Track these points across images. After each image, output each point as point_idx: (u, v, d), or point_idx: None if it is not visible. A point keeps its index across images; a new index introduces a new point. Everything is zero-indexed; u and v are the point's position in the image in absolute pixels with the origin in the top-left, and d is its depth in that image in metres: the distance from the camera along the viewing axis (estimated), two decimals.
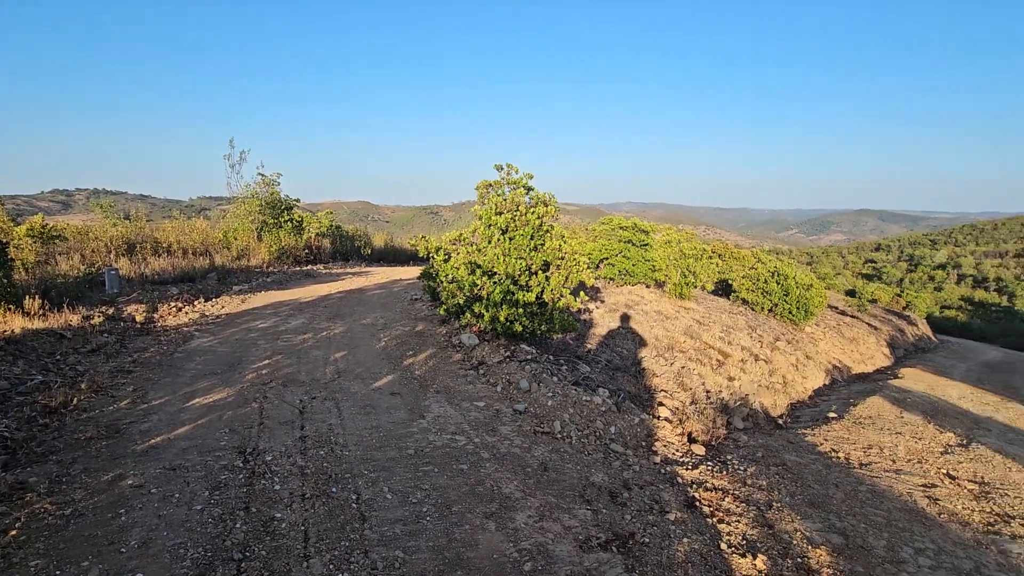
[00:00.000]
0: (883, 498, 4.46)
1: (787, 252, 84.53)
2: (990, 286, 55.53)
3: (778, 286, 13.98)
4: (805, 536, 3.45)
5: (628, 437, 4.91)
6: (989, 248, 70.84)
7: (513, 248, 6.57)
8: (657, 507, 3.42)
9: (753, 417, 7.65)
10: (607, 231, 12.55)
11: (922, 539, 3.76)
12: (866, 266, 72.15)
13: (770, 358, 10.62)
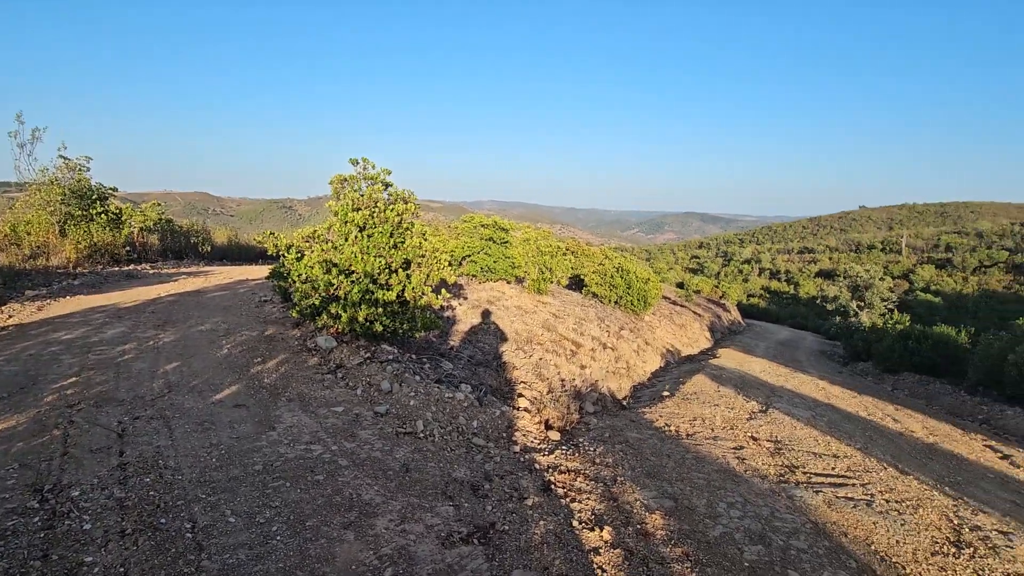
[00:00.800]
0: (704, 463, 5.19)
1: (630, 249, 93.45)
2: (781, 277, 67.23)
3: (622, 280, 15.39)
4: (643, 504, 3.88)
5: (490, 430, 5.06)
6: (780, 246, 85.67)
7: (372, 246, 6.36)
8: (516, 495, 3.59)
9: (602, 401, 8.36)
10: (469, 229, 12.74)
11: (733, 494, 4.45)
12: (692, 261, 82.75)
13: (616, 346, 11.67)
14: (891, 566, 3.60)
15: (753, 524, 3.88)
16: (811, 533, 3.89)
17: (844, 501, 4.67)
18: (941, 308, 41.28)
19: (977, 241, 61.33)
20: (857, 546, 3.82)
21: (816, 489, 4.88)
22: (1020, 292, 44.79)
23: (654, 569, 2.97)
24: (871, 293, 24.38)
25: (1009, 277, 49.72)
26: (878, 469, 5.83)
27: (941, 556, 3.86)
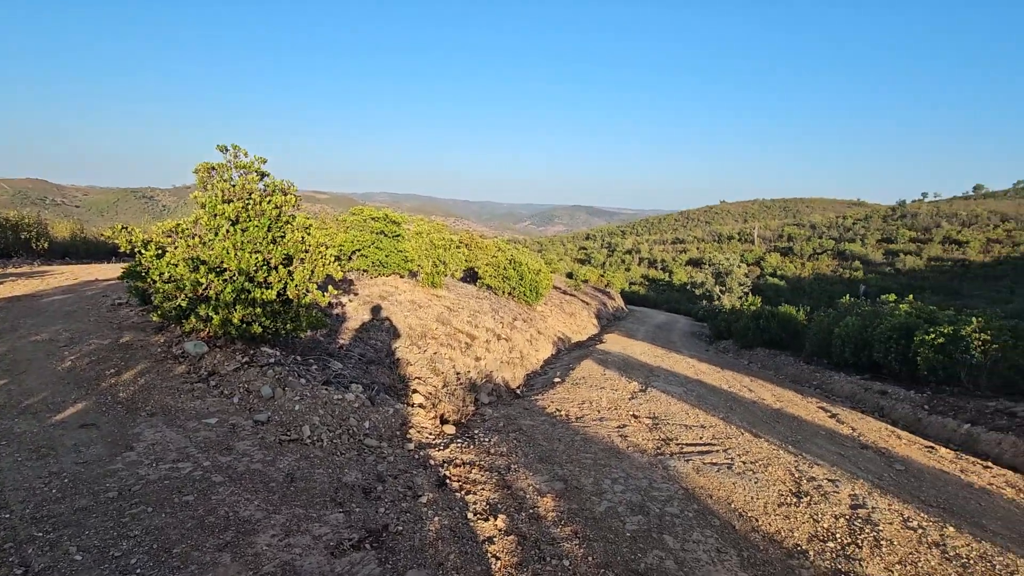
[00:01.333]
0: (592, 443, 5.51)
1: (523, 241, 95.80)
2: (658, 265, 73.05)
3: (515, 272, 15.74)
4: (536, 488, 4.04)
5: (383, 429, 4.94)
6: (657, 237, 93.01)
7: (247, 241, 5.86)
8: (411, 493, 3.55)
9: (497, 391, 8.52)
10: (359, 222, 12.24)
11: (617, 470, 4.79)
12: (580, 252, 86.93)
13: (510, 336, 11.93)
14: (747, 520, 4.10)
15: (634, 496, 4.21)
16: (683, 499, 4.31)
17: (710, 467, 5.23)
18: (785, 290, 47.54)
19: (811, 232, 71.33)
20: (720, 506, 4.30)
21: (687, 458, 5.41)
22: (843, 275, 52.95)
23: (545, 550, 3.11)
24: (731, 279, 27.40)
25: (835, 262, 58.52)
26: (737, 435, 6.60)
27: (785, 506, 4.48)
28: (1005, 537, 4.49)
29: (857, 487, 5.19)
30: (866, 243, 61.59)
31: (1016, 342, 9.60)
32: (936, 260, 52.56)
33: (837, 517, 4.37)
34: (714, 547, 3.56)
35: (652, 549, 3.39)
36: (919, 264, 52.15)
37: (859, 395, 11.29)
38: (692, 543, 3.57)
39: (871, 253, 57.98)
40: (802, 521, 4.21)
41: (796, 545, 3.79)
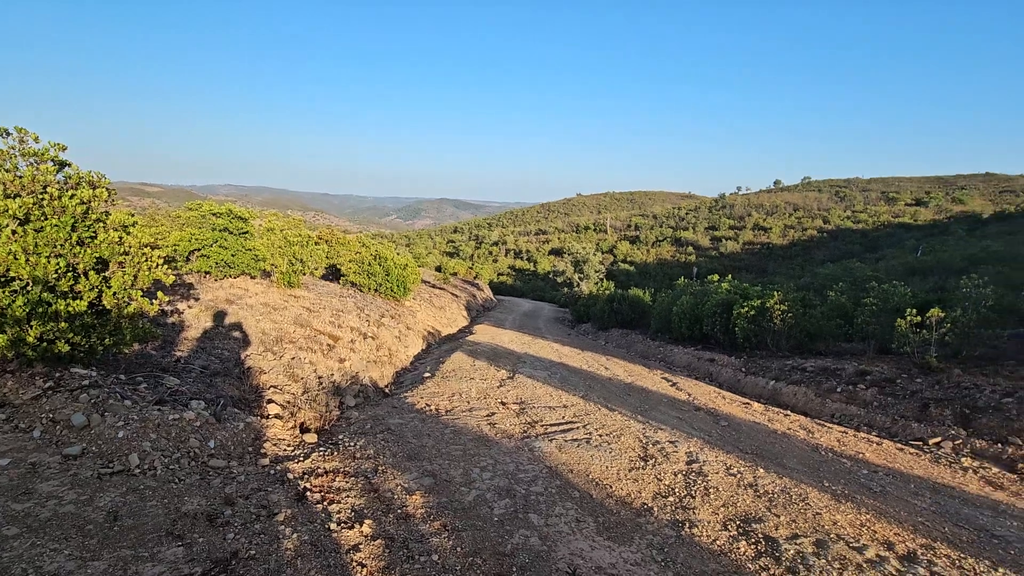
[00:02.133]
0: (461, 434, 5.59)
1: (389, 236, 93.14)
2: (523, 256, 75.96)
3: (381, 268, 15.27)
4: (404, 487, 3.99)
5: (232, 447, 4.51)
6: (521, 228, 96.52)
7: (43, 243, 4.91)
8: (265, 513, 3.30)
9: (364, 392, 8.22)
10: (197, 218, 10.91)
11: (486, 458, 4.92)
12: (448, 245, 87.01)
13: (377, 334, 11.57)
14: (603, 488, 4.49)
15: (502, 481, 4.36)
16: (547, 477, 4.57)
17: (571, 443, 5.61)
18: (634, 275, 52.44)
19: (654, 221, 79.48)
20: (580, 479, 4.65)
21: (551, 438, 5.75)
22: (680, 259, 59.92)
23: (414, 549, 3.10)
24: (588, 266, 29.50)
25: (674, 248, 65.95)
26: (595, 411, 7.16)
27: (635, 471, 4.98)
28: (800, 471, 5.48)
29: (692, 445, 5.94)
30: (696, 231, 70.23)
31: (805, 310, 11.69)
32: (749, 244, 61.78)
33: (676, 474, 4.97)
34: (574, 517, 3.84)
35: (519, 529, 3.55)
36: (736, 248, 60.85)
37: (694, 364, 12.92)
38: (555, 517, 3.81)
39: (701, 239, 66.30)
40: (648, 482, 4.72)
41: (644, 504, 4.24)
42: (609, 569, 3.17)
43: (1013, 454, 6.43)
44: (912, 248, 39.77)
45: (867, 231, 57.50)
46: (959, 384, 8.02)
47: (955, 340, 9.14)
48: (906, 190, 76.17)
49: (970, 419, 7.21)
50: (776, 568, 3.40)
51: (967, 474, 6.00)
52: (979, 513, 4.79)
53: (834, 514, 4.35)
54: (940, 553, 3.83)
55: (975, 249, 28.75)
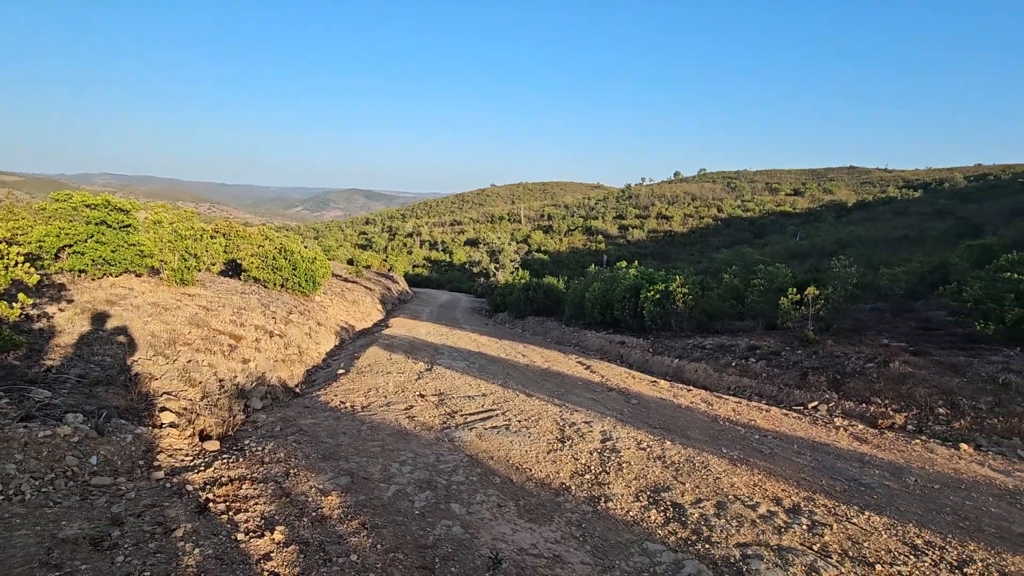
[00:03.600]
0: (379, 430, 5.45)
1: (296, 228, 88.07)
2: (439, 247, 75.16)
3: (286, 262, 14.42)
4: (319, 489, 3.83)
5: (119, 462, 4.07)
6: (436, 219, 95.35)
7: None
8: (161, 530, 3.01)
9: (272, 393, 7.76)
10: (67, 210, 9.64)
11: (405, 452, 4.83)
12: (360, 237, 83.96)
13: (285, 332, 10.93)
14: (523, 471, 4.58)
15: (422, 474, 4.32)
16: (468, 466, 4.59)
17: (491, 431, 5.66)
18: (549, 263, 53.74)
19: (566, 211, 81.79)
20: (500, 465, 4.71)
21: (471, 427, 5.76)
22: (591, 247, 62.25)
23: (332, 551, 2.99)
24: (503, 256, 29.79)
25: (585, 237, 68.35)
26: (513, 398, 7.28)
27: (553, 452, 5.13)
28: (702, 441, 5.93)
29: (606, 424, 6.23)
30: (606, 220, 73.22)
31: (704, 293, 12.61)
32: (653, 232, 65.47)
33: (592, 452, 5.19)
34: (496, 503, 3.89)
35: (441, 520, 3.54)
36: (642, 236, 64.26)
37: (606, 347, 13.52)
38: (477, 505, 3.83)
39: (609, 228, 69.23)
40: (566, 462, 4.89)
41: (562, 484, 4.38)
42: (531, 550, 3.25)
43: (875, 412, 7.39)
44: (792, 234, 44.23)
45: (755, 219, 63.03)
46: (831, 353, 9.06)
47: (828, 315, 10.31)
48: (786, 181, 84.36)
49: (841, 384, 8.18)
50: (683, 531, 3.66)
51: (839, 432, 6.81)
52: (849, 465, 5.46)
53: (732, 477, 4.76)
54: (819, 503, 4.32)
55: (843, 233, 32.54)
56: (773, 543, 3.57)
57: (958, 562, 3.48)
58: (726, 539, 3.58)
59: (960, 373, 7.50)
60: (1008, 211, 26.39)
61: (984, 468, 5.61)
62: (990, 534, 3.98)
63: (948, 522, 4.16)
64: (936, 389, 7.33)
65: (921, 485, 5.01)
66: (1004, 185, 45.30)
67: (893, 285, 12.17)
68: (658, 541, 3.51)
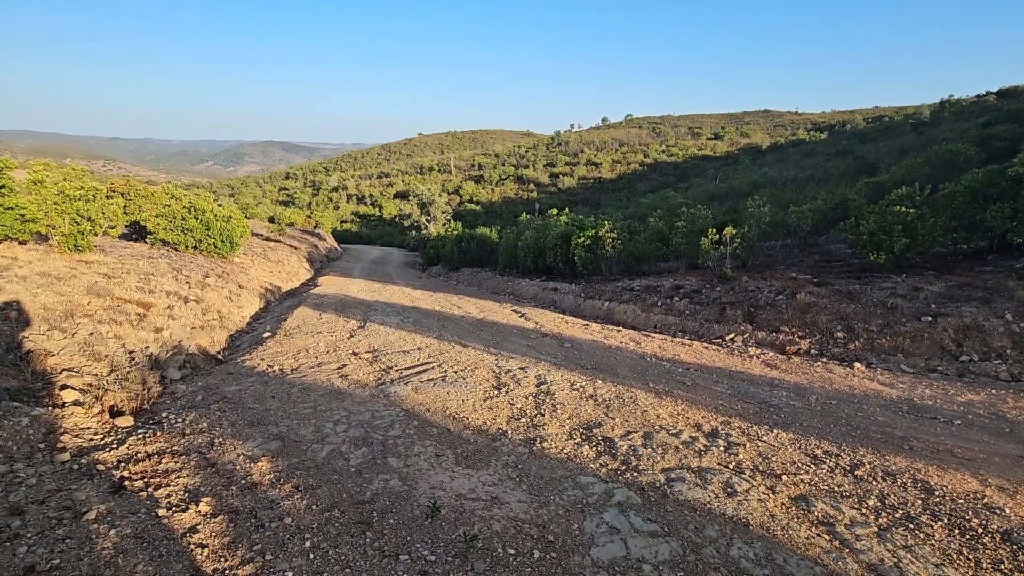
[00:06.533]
0: (311, 391, 5.30)
1: (207, 186, 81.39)
2: (367, 201, 72.29)
3: (198, 222, 13.36)
4: (247, 456, 3.69)
5: (15, 447, 3.71)
6: (362, 172, 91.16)
7: None
8: (69, 515, 2.80)
9: (192, 362, 7.32)
10: None
11: (339, 411, 4.74)
12: (281, 193, 78.94)
13: (201, 297, 10.24)
14: (459, 420, 4.64)
15: (357, 432, 4.27)
16: (404, 420, 4.58)
17: (427, 383, 5.66)
18: (481, 214, 53.27)
19: (497, 160, 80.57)
20: (437, 416, 4.74)
21: (407, 381, 5.73)
22: (523, 196, 62.14)
23: (263, 517, 2.91)
24: (434, 208, 29.13)
25: (517, 186, 67.97)
26: (449, 349, 7.28)
27: (490, 400, 5.22)
28: (630, 378, 6.24)
29: (540, 369, 6.40)
30: (536, 168, 72.93)
31: (631, 237, 12.98)
32: (583, 179, 66.11)
33: (527, 397, 5.33)
34: (433, 453, 3.93)
35: (378, 475, 3.53)
36: (573, 183, 64.77)
37: (539, 295, 13.75)
38: (414, 456, 3.85)
39: (540, 176, 69.13)
40: (503, 408, 4.99)
41: (499, 429, 4.49)
42: (468, 495, 3.33)
43: (783, 339, 8.06)
44: (712, 176, 46.14)
45: (679, 163, 65.01)
46: (746, 288, 9.70)
47: (743, 252, 10.96)
48: (707, 126, 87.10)
49: (754, 316, 8.82)
50: (613, 463, 3.88)
51: (752, 360, 7.39)
52: (760, 390, 5.96)
53: (657, 409, 5.07)
54: (734, 426, 4.70)
55: (757, 175, 34.32)
56: (694, 465, 3.87)
57: (850, 466, 3.93)
58: (652, 466, 3.83)
59: (855, 300, 8.28)
60: (898, 150, 28.78)
61: (873, 383, 6.32)
62: (876, 440, 4.51)
63: (843, 432, 4.67)
64: (835, 316, 8.07)
65: (821, 402, 5.57)
66: (897, 126, 49.18)
67: (800, 222, 13.07)
68: (590, 474, 3.70)
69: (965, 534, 3.03)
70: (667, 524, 3.06)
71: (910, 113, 61.64)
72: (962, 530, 3.07)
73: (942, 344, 7.02)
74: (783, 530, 3.03)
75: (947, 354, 6.92)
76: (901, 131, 42.08)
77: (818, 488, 3.57)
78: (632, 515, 3.15)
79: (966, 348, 6.87)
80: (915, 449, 4.31)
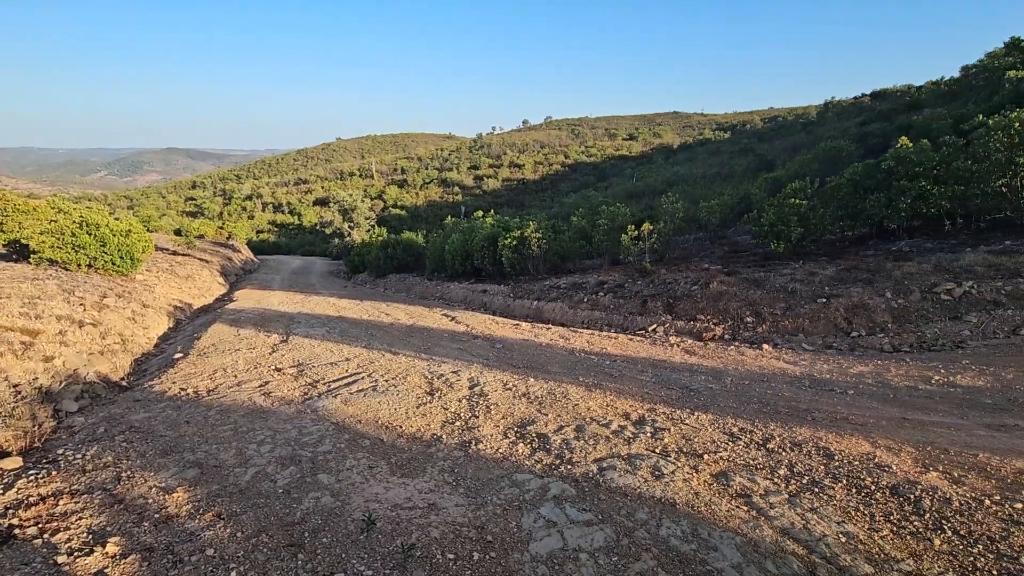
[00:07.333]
0: (230, 413, 5.00)
1: (101, 198, 74.17)
2: (285, 209, 68.92)
3: (91, 237, 12.18)
4: (160, 488, 3.43)
5: None
6: (278, 179, 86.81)
7: None
8: None
9: (91, 391, 6.66)
10: None
11: (262, 431, 4.51)
12: (188, 204, 73.40)
13: (99, 319, 9.35)
14: (393, 430, 4.56)
15: (284, 451, 4.08)
16: (334, 434, 4.44)
17: (357, 395, 5.51)
18: (406, 219, 52.44)
19: (420, 164, 79.63)
20: (369, 427, 4.63)
21: (335, 394, 5.55)
22: (448, 199, 61.84)
23: (182, 551, 2.72)
24: (357, 214, 28.29)
25: (441, 189, 67.50)
26: (379, 358, 7.12)
27: (423, 406, 5.17)
28: (561, 373, 6.40)
29: (473, 371, 6.41)
30: (460, 171, 72.82)
31: (556, 236, 13.30)
32: (507, 180, 66.82)
33: (461, 400, 5.33)
34: (367, 466, 3.83)
35: (308, 493, 3.40)
36: (497, 185, 65.27)
37: (469, 297, 13.76)
38: (346, 470, 3.75)
39: (465, 179, 69.12)
40: (436, 414, 4.96)
41: (433, 435, 4.46)
42: (405, 504, 3.29)
43: (700, 327, 8.59)
44: (629, 176, 48.21)
45: (598, 163, 67.30)
46: (665, 281, 10.24)
47: (661, 247, 11.55)
48: (623, 127, 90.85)
49: (673, 306, 9.33)
50: (548, 458, 3.97)
51: (673, 348, 7.82)
52: (681, 376, 6.33)
53: (588, 402, 5.24)
54: (659, 412, 4.96)
55: (670, 173, 36.26)
56: (624, 453, 4.04)
57: (763, 440, 4.27)
58: (585, 457, 3.96)
59: (761, 286, 8.98)
60: (791, 147, 31.49)
61: (779, 362, 6.89)
62: (784, 413, 4.93)
63: (755, 410, 5.06)
64: (744, 302, 8.71)
65: (735, 383, 6.00)
66: (789, 125, 53.75)
67: (710, 216, 13.98)
68: (526, 471, 3.77)
69: (861, 492, 3.39)
70: (601, 512, 3.18)
71: (800, 113, 67.60)
72: (858, 489, 3.43)
73: (835, 322, 7.78)
74: (706, 506, 3.25)
75: (840, 331, 7.68)
76: (793, 130, 46.05)
77: (736, 463, 3.85)
78: (568, 507, 3.25)
79: (855, 325, 7.65)
80: (817, 419, 4.76)
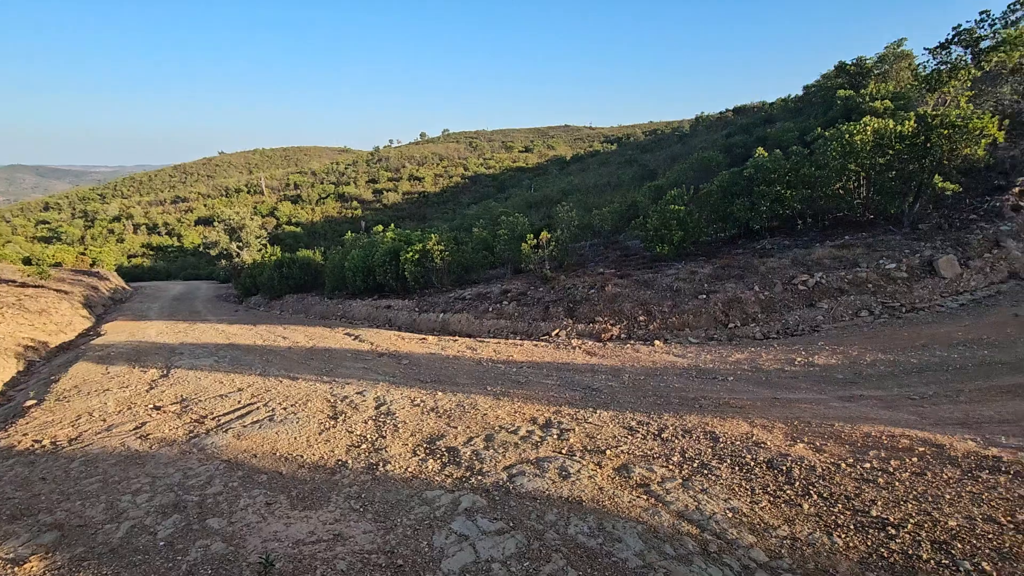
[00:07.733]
0: (98, 462, 4.43)
1: None
2: (162, 231, 62.46)
3: None
4: (8, 560, 2.95)
5: None
6: (151, 197, 78.57)
7: None
8: None
9: None
10: None
11: (138, 479, 4.04)
12: (40, 228, 63.96)
13: None
14: (293, 461, 4.30)
15: (166, 498, 3.69)
16: (225, 472, 4.09)
17: (252, 427, 5.13)
18: (302, 236, 49.80)
19: (314, 178, 76.14)
20: (266, 460, 4.32)
21: (226, 428, 5.12)
22: (347, 214, 59.65)
23: None
24: (246, 233, 26.37)
25: (339, 204, 64.98)
26: (276, 385, 6.69)
27: (326, 431, 4.93)
28: (469, 385, 6.41)
29: (379, 390, 6.23)
30: (358, 184, 70.65)
31: (459, 248, 13.34)
32: (408, 193, 65.91)
33: (367, 421, 5.16)
34: (264, 503, 3.58)
35: (195, 542, 3.10)
36: (397, 198, 64.15)
37: (373, 314, 13.35)
38: (240, 511, 3.47)
39: (363, 193, 67.15)
40: (341, 438, 4.75)
41: (338, 461, 4.26)
42: (307, 539, 3.11)
43: (599, 328, 9.02)
44: (527, 186, 49.66)
45: (496, 175, 68.54)
46: (565, 286, 10.65)
47: (559, 254, 12.01)
48: (518, 140, 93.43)
49: (574, 310, 9.72)
50: (458, 471, 3.96)
51: (575, 351, 8.14)
52: (583, 377, 6.60)
53: (496, 411, 5.30)
54: (564, 414, 5.14)
55: (565, 183, 37.85)
56: (532, 457, 4.14)
57: (658, 431, 4.57)
58: (495, 466, 4.00)
59: (650, 287, 9.65)
60: (670, 158, 34.28)
61: (670, 356, 7.43)
62: (676, 404, 5.32)
63: (650, 403, 5.41)
64: (636, 302, 9.30)
65: (632, 379, 6.38)
66: (667, 138, 58.43)
67: (603, 223, 14.79)
68: (436, 487, 3.73)
69: (743, 469, 3.75)
70: (512, 519, 3.23)
71: (676, 127, 73.76)
72: (740, 466, 3.79)
73: (715, 316, 8.55)
74: (610, 499, 3.41)
75: (719, 324, 8.45)
76: (670, 142, 50.13)
77: (635, 455, 4.09)
78: (479, 518, 3.26)
79: (731, 317, 8.47)
80: (704, 407, 5.19)
